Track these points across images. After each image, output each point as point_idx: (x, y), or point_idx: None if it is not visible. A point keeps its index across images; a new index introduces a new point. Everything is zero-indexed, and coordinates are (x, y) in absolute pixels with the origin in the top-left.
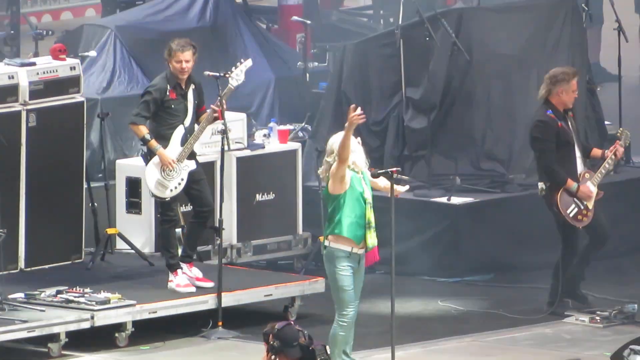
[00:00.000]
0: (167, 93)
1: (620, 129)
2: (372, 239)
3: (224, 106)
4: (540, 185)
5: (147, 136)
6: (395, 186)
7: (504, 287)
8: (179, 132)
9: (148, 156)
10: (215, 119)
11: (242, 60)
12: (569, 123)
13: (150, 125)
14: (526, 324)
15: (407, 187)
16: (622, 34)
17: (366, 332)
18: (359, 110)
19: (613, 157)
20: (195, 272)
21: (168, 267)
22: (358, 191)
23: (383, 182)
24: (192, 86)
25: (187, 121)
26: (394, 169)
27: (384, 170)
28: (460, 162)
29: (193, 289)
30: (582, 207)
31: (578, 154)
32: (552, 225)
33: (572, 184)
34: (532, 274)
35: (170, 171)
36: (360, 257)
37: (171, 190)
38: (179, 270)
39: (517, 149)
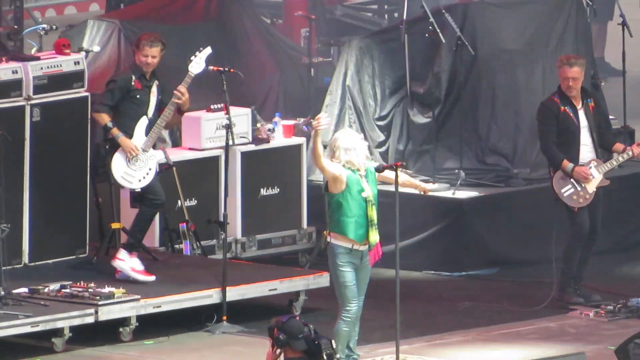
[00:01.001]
0: (133, 83)
1: None
2: (374, 237)
3: (183, 96)
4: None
5: (109, 124)
6: (424, 185)
7: (508, 282)
8: (142, 123)
9: (110, 150)
10: (178, 104)
11: (201, 48)
12: (580, 114)
13: (114, 118)
14: (531, 318)
15: (435, 185)
16: (626, 29)
17: (371, 326)
18: (323, 119)
19: (630, 153)
20: (135, 262)
21: (127, 246)
22: (356, 190)
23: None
24: (156, 82)
25: (150, 112)
26: (398, 162)
27: (388, 165)
28: (464, 156)
29: (153, 278)
30: (579, 189)
31: (587, 142)
32: (559, 219)
33: (567, 164)
34: (536, 268)
35: (137, 161)
36: (363, 254)
37: (140, 181)
38: (135, 253)
39: (522, 143)
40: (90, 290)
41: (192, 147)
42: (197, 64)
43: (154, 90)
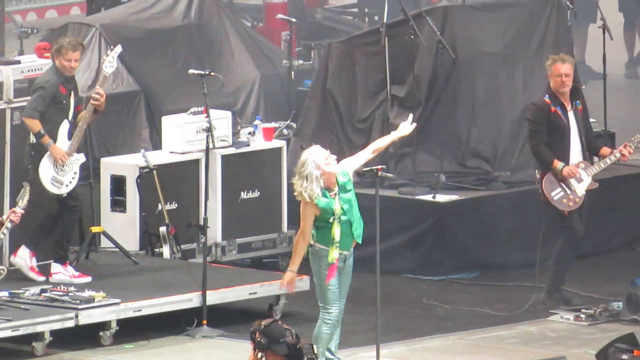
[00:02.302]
0: (59, 88)
1: (638, 136)
2: (332, 256)
3: (101, 97)
4: (537, 175)
5: (42, 131)
6: (399, 131)
7: (489, 285)
8: (64, 127)
9: (35, 156)
10: (96, 107)
11: (111, 47)
12: (570, 114)
13: None
14: (511, 322)
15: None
16: (607, 32)
17: (351, 330)
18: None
19: (618, 155)
20: (71, 270)
21: (58, 260)
22: (327, 216)
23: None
24: (74, 84)
25: (71, 116)
26: (379, 167)
27: (369, 168)
28: (445, 159)
29: (89, 278)
30: (568, 192)
31: (576, 144)
32: (537, 223)
33: (557, 164)
34: (517, 272)
35: (63, 166)
36: (347, 257)
37: (67, 186)
38: (67, 262)
39: (502, 146)
40: (70, 294)
41: (172, 151)
42: (110, 63)
43: (72, 93)
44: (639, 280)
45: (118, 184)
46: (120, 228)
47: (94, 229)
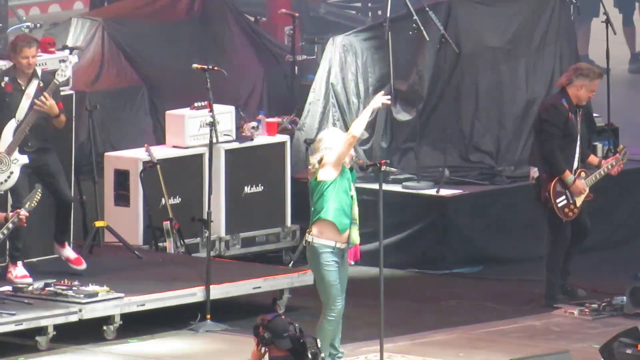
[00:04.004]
0: (3, 85)
1: (620, 146)
2: (356, 236)
3: (44, 104)
4: (532, 173)
5: None
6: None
7: (492, 280)
8: (10, 126)
9: None
10: (41, 111)
11: (68, 56)
12: (577, 121)
13: None
14: (515, 316)
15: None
16: (610, 26)
17: (355, 325)
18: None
19: (609, 167)
20: (68, 252)
21: (10, 258)
22: (345, 181)
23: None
24: (39, 83)
25: (21, 115)
26: (382, 161)
27: (372, 163)
28: (448, 154)
29: (29, 280)
30: (570, 202)
31: (579, 150)
32: (540, 217)
33: (569, 175)
34: (520, 266)
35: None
36: (344, 252)
37: (1, 184)
38: (19, 263)
39: (506, 141)
40: (74, 288)
41: (176, 145)
42: (63, 72)
43: (30, 91)
44: None
45: (122, 178)
46: (124, 222)
47: (98, 224)
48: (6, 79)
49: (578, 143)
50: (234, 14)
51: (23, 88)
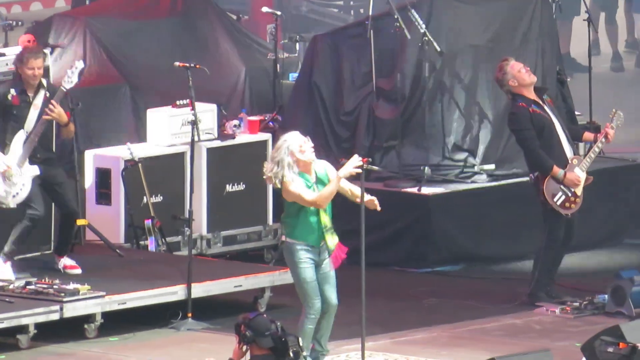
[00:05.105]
0: (10, 97)
1: (613, 110)
2: (332, 241)
3: (52, 111)
4: (530, 176)
5: None
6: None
7: (474, 278)
8: (19, 138)
9: None
10: (49, 120)
11: (76, 62)
12: (546, 109)
13: None
14: (496, 315)
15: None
16: (591, 25)
17: (336, 322)
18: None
19: (604, 140)
20: (66, 261)
21: (6, 255)
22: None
23: (350, 187)
24: (45, 93)
25: (29, 126)
26: (364, 159)
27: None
28: (430, 152)
29: (12, 277)
30: (569, 194)
31: (563, 136)
32: (522, 216)
33: (557, 171)
34: (502, 264)
35: (11, 177)
36: (321, 250)
37: (14, 197)
38: (9, 262)
39: (487, 139)
40: (55, 286)
41: (157, 143)
42: (70, 78)
43: (37, 102)
44: (624, 273)
45: (103, 176)
46: (106, 221)
47: (79, 222)
48: (12, 91)
49: (560, 130)
50: (216, 12)
51: (30, 100)
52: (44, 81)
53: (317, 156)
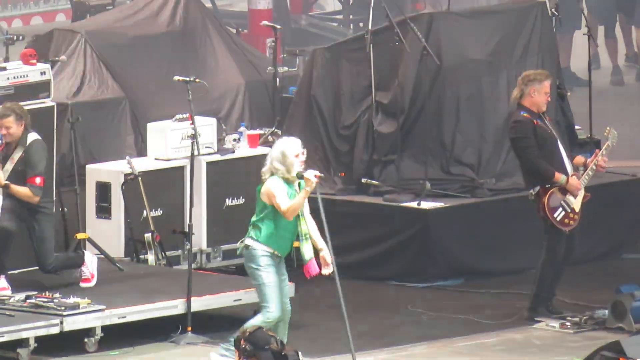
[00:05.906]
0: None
1: (608, 128)
2: (308, 252)
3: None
4: (530, 191)
5: None
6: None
7: (473, 293)
8: None
9: None
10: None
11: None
12: (548, 124)
13: None
14: (496, 330)
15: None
16: (592, 39)
17: (335, 337)
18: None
19: (594, 168)
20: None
21: None
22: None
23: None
24: (22, 153)
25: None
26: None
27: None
28: (429, 166)
29: (8, 292)
30: (568, 211)
31: (564, 155)
32: (522, 230)
33: (560, 177)
34: (501, 279)
35: None
36: (280, 260)
37: None
38: (2, 277)
39: (487, 153)
40: (55, 300)
41: (157, 157)
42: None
43: (15, 157)
44: (624, 288)
45: (103, 190)
46: (105, 235)
47: (79, 236)
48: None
49: (560, 145)
50: (215, 26)
51: (9, 154)
52: (30, 137)
53: (316, 169)
